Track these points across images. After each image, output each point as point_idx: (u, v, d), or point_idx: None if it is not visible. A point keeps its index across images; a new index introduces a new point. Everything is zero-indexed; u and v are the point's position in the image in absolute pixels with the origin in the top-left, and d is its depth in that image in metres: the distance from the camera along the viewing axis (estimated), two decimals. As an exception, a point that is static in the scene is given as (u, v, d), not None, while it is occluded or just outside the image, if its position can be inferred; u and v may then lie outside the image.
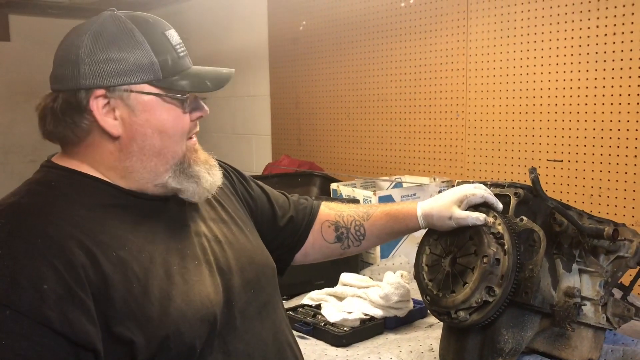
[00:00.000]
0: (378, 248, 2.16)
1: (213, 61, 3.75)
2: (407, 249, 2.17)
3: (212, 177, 1.04)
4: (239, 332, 1.00)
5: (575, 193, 2.01)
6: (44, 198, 0.92)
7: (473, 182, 1.34)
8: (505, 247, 1.20)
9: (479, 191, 1.27)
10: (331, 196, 2.36)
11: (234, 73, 1.07)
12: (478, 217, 1.22)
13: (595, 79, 1.94)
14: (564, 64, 2.01)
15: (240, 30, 3.55)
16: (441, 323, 1.39)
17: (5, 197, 0.93)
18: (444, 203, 1.27)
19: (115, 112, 0.95)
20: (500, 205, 1.26)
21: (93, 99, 0.94)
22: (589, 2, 1.93)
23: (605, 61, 1.91)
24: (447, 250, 1.30)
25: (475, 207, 1.27)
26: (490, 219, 1.24)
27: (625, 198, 1.89)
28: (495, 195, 1.29)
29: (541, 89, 2.09)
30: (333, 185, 2.38)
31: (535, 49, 2.09)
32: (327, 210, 1.38)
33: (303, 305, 1.76)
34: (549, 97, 2.07)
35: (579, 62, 1.97)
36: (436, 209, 1.27)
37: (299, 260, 1.36)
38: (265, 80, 3.38)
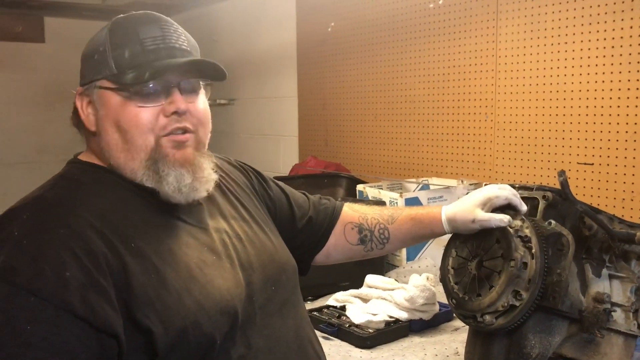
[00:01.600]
0: (404, 251, 2.15)
1: (241, 62, 3.79)
2: (434, 251, 2.15)
3: (176, 183, 0.98)
4: (259, 328, 1.01)
5: (607, 197, 1.97)
6: (66, 191, 0.96)
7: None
8: (533, 250, 1.18)
9: (503, 193, 1.25)
10: (357, 198, 2.35)
11: (213, 65, 1.02)
12: (502, 218, 1.20)
13: (629, 80, 1.90)
14: (596, 65, 1.98)
15: (268, 32, 3.57)
16: (467, 327, 1.37)
17: (32, 192, 0.97)
18: (467, 206, 1.25)
19: (91, 108, 1.01)
20: (524, 207, 1.24)
21: (77, 96, 1.01)
22: (622, 2, 1.90)
23: (638, 62, 1.87)
24: (474, 253, 1.28)
25: (501, 209, 1.26)
26: (518, 222, 1.22)
27: (658, 202, 1.85)
28: (523, 198, 1.27)
29: (572, 90, 2.06)
30: (359, 187, 2.38)
31: (566, 50, 2.06)
32: (351, 212, 1.37)
33: (328, 307, 1.76)
34: (580, 99, 2.04)
35: (611, 64, 1.94)
36: (460, 213, 1.26)
37: (321, 261, 1.36)
38: (293, 81, 3.40)
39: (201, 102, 1.05)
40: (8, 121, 4.55)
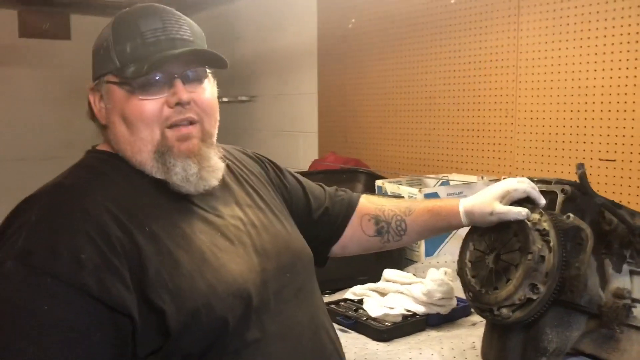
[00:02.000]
0: (422, 246, 2.15)
1: (263, 59, 3.81)
2: (452, 247, 2.14)
3: (184, 173, 1.00)
4: (273, 313, 1.02)
5: (629, 194, 1.95)
6: (83, 178, 1.00)
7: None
8: (551, 244, 1.18)
9: (522, 186, 1.24)
10: (376, 193, 2.36)
11: (213, 54, 1.04)
12: (520, 211, 1.20)
13: (653, 76, 1.87)
14: (619, 60, 1.95)
15: (290, 29, 3.59)
16: (485, 321, 1.37)
17: (52, 180, 1.01)
18: (486, 199, 1.25)
19: (102, 103, 1.04)
20: (543, 201, 1.24)
21: (89, 91, 1.05)
22: (647, -4, 1.87)
23: (663, 57, 1.84)
24: (491, 246, 1.28)
25: (520, 203, 1.25)
26: (536, 216, 1.22)
27: (682, 200, 1.82)
28: (542, 191, 1.27)
29: (594, 86, 2.03)
30: (378, 182, 2.38)
31: (588, 45, 2.03)
32: (368, 203, 1.38)
33: (345, 300, 1.77)
34: (602, 94, 2.01)
35: (635, 59, 1.91)
36: (478, 205, 1.25)
37: (338, 252, 1.37)
38: (314, 78, 3.41)
39: (207, 91, 1.06)
40: (35, 117, 4.64)
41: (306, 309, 1.10)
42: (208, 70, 1.08)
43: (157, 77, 1.00)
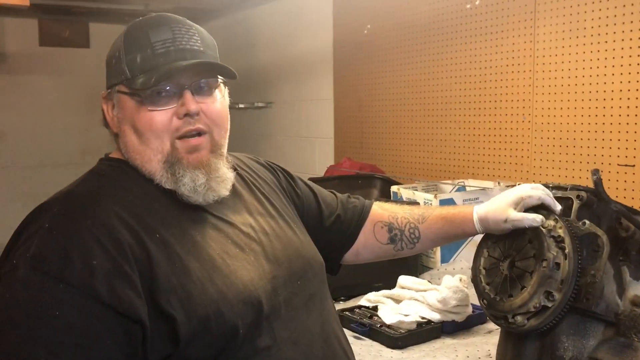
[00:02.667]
0: (438, 253, 2.14)
1: (279, 66, 3.82)
2: (469, 253, 2.13)
3: (192, 184, 1.01)
4: (284, 320, 1.02)
5: (649, 199, 1.92)
6: (94, 185, 1.01)
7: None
8: (566, 251, 1.16)
9: (536, 192, 1.23)
10: (391, 199, 2.35)
11: (222, 66, 1.03)
12: (535, 218, 1.18)
13: (672, 79, 1.84)
14: (638, 64, 1.92)
15: (306, 35, 3.60)
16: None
17: (65, 187, 1.02)
18: (500, 206, 1.23)
19: (114, 111, 1.05)
20: (558, 207, 1.22)
21: (103, 100, 1.06)
22: (666, -1, 1.84)
23: (683, 61, 1.82)
24: (506, 253, 1.26)
25: (534, 209, 1.24)
26: (551, 222, 1.20)
27: (703, 205, 1.79)
28: (557, 198, 1.25)
29: (612, 90, 2.01)
30: (393, 188, 2.37)
31: (606, 50, 2.01)
32: (380, 210, 1.37)
33: (360, 307, 1.76)
34: (620, 99, 1.98)
35: (654, 63, 1.88)
36: (492, 213, 1.24)
37: (350, 259, 1.36)
38: (329, 83, 3.41)
39: (217, 102, 1.06)
40: (55, 124, 4.72)
41: (317, 316, 1.09)
42: (220, 80, 1.08)
43: (167, 88, 1.01)
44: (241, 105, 4.00)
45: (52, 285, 0.86)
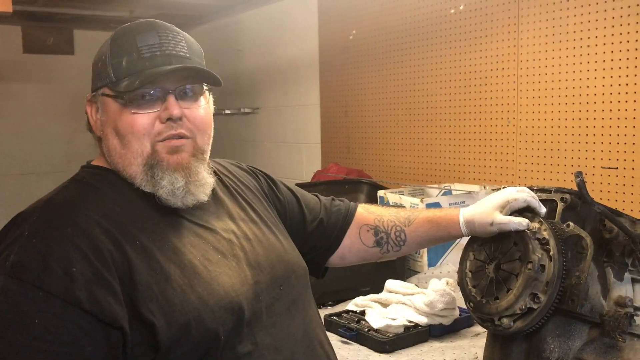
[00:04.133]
0: (425, 256, 2.14)
1: (265, 72, 3.82)
2: (455, 257, 2.14)
3: (171, 186, 1.00)
4: (266, 326, 1.02)
5: (632, 202, 1.94)
6: (75, 193, 1.01)
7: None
8: (551, 253, 1.17)
9: (522, 195, 1.24)
10: (378, 203, 2.35)
11: (198, 70, 1.03)
12: (521, 222, 1.19)
13: (653, 83, 1.87)
14: (619, 68, 1.95)
15: (291, 41, 3.61)
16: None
17: (45, 195, 1.01)
18: (486, 209, 1.24)
19: (98, 115, 1.05)
20: (543, 210, 1.23)
21: (87, 103, 1.06)
22: (646, 4, 1.87)
23: (663, 65, 1.84)
24: (491, 256, 1.27)
25: (519, 212, 1.25)
26: (536, 225, 1.21)
27: (685, 207, 1.81)
28: (542, 200, 1.26)
29: (595, 94, 2.03)
30: (380, 192, 2.38)
31: (588, 54, 2.04)
32: (366, 213, 1.37)
33: (347, 311, 1.77)
34: (603, 102, 2.01)
35: (635, 66, 1.91)
36: (478, 216, 1.24)
37: (336, 263, 1.36)
38: (316, 89, 3.42)
39: (201, 108, 1.06)
40: (39, 131, 4.67)
41: (300, 322, 1.09)
42: (205, 87, 1.08)
43: (152, 92, 1.01)
44: (227, 111, 3.99)
45: (31, 293, 0.85)
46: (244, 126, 4.09)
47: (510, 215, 1.23)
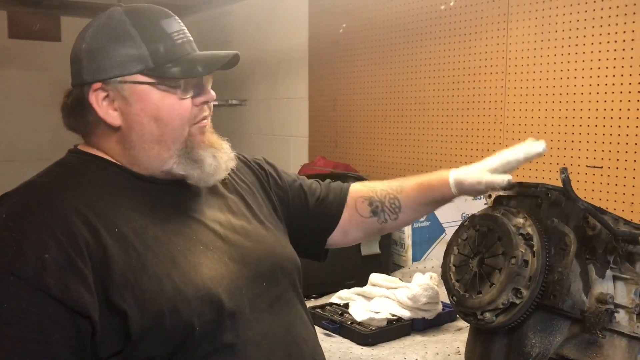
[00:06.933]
0: (410, 251, 2.15)
1: (253, 63, 3.80)
2: (439, 253, 2.14)
3: (216, 162, 1.05)
4: (248, 321, 1.01)
5: (615, 200, 1.95)
6: (59, 177, 1.00)
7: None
8: (534, 248, 1.18)
9: (518, 156, 1.25)
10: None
11: (239, 57, 1.08)
12: (503, 179, 1.21)
13: (639, 83, 1.88)
14: (606, 67, 1.96)
15: (281, 33, 3.59)
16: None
17: (29, 178, 1.00)
18: (477, 169, 1.26)
19: (115, 104, 1.00)
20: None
21: (92, 92, 1.00)
22: (634, 4, 1.88)
23: (649, 65, 1.86)
24: (475, 250, 1.28)
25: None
26: (520, 220, 1.22)
27: (668, 207, 1.83)
28: (526, 196, 1.27)
29: (582, 93, 2.04)
30: (367, 187, 2.38)
31: (576, 53, 2.05)
32: (360, 186, 1.39)
33: (331, 304, 1.77)
34: (589, 102, 2.02)
35: (622, 66, 1.92)
36: (468, 175, 1.26)
37: (339, 240, 1.37)
38: (304, 82, 3.41)
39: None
40: (25, 118, 4.61)
41: (283, 319, 1.08)
42: None
43: (196, 78, 1.04)
44: (215, 103, 3.97)
45: (3, 277, 0.85)
46: (232, 118, 4.07)
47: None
